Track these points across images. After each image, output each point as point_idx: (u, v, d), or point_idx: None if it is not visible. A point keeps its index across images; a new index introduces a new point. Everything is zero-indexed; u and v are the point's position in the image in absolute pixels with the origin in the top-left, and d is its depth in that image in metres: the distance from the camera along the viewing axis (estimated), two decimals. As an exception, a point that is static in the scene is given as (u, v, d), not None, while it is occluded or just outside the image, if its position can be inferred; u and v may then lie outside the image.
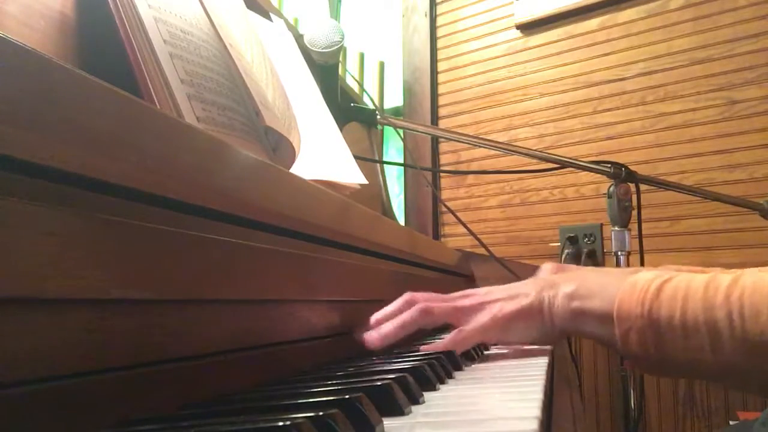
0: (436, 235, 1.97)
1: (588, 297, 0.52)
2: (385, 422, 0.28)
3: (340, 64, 1.09)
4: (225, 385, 0.36)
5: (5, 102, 0.23)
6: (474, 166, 1.95)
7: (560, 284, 0.55)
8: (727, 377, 0.46)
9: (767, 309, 0.40)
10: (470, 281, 1.31)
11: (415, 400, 0.34)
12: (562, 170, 1.28)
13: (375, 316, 0.58)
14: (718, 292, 0.43)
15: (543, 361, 0.52)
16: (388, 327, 0.56)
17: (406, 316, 0.56)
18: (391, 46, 2.20)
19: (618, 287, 0.50)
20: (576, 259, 1.70)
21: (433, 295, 0.61)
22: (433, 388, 0.39)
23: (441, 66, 2.06)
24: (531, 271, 0.72)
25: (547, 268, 0.70)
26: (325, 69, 1.04)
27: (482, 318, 0.56)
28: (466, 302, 0.58)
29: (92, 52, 0.53)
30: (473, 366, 0.53)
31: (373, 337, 0.55)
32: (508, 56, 1.92)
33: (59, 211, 0.25)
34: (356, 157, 0.93)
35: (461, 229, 1.60)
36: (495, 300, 0.57)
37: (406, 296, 0.60)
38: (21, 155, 0.24)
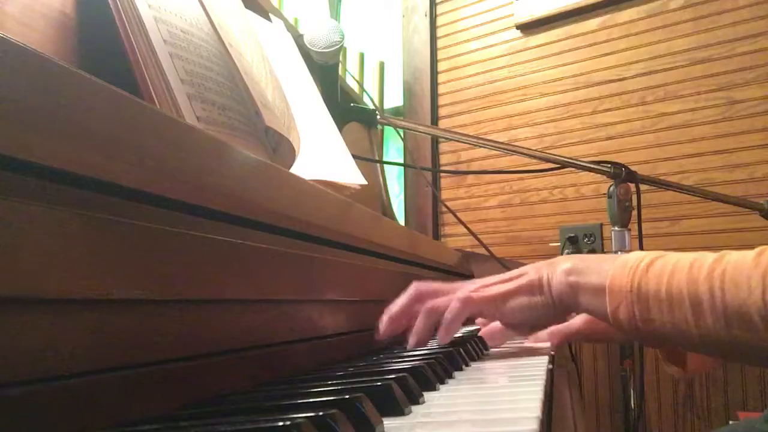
0: (436, 235, 1.97)
1: (584, 272, 0.55)
2: (385, 422, 0.28)
3: (340, 64, 1.09)
4: (225, 385, 0.36)
5: (5, 102, 0.23)
6: (474, 166, 1.95)
7: (558, 262, 0.58)
8: (709, 348, 0.48)
9: (746, 284, 0.43)
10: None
11: (415, 400, 0.34)
12: (562, 170, 1.27)
13: (387, 316, 0.61)
14: (702, 269, 0.46)
15: (543, 361, 0.52)
16: (411, 342, 0.59)
17: (419, 326, 0.59)
18: (391, 46, 2.20)
19: (613, 264, 0.53)
20: (576, 259, 1.70)
21: (437, 286, 0.63)
22: (433, 388, 0.39)
23: (441, 66, 2.06)
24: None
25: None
26: (325, 69, 1.04)
27: (483, 294, 0.59)
28: (465, 291, 0.60)
29: (92, 52, 0.53)
30: (473, 366, 0.53)
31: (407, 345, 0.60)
32: (508, 56, 1.93)
33: (59, 211, 0.25)
34: (356, 157, 0.93)
35: (461, 229, 1.60)
36: (494, 283, 0.61)
37: (413, 291, 0.62)
38: (21, 155, 0.24)
